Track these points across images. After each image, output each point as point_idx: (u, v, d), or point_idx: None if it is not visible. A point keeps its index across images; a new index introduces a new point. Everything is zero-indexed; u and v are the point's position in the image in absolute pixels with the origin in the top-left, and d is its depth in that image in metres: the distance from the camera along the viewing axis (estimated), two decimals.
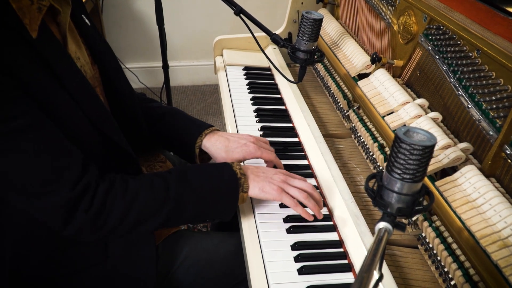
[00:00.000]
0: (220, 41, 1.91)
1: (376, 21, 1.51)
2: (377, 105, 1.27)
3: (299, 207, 1.05)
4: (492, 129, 0.96)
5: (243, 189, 1.04)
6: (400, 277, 0.98)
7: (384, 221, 0.72)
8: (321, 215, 1.07)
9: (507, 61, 0.93)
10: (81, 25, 1.09)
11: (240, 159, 1.19)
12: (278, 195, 1.05)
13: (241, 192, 1.04)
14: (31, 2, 0.89)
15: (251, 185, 1.05)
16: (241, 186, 1.04)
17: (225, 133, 1.26)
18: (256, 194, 1.06)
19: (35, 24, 0.89)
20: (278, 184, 1.06)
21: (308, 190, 1.08)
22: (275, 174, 1.09)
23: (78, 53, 1.06)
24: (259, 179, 1.07)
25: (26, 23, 0.87)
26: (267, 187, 1.05)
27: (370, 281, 0.58)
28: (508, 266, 0.77)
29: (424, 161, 0.72)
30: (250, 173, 1.07)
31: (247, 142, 1.20)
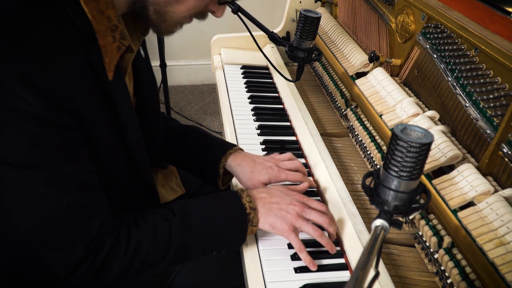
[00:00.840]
0: (218, 40, 1.91)
1: (374, 19, 1.51)
2: (374, 104, 1.27)
3: (303, 252, 0.97)
4: (489, 127, 0.96)
5: (252, 223, 0.99)
6: (397, 275, 0.98)
7: (381, 219, 0.72)
8: (334, 251, 1.00)
9: (505, 59, 0.93)
10: (136, 57, 1.04)
11: (266, 182, 1.14)
12: (287, 234, 0.99)
13: (250, 226, 0.99)
14: (113, 40, 0.85)
15: (261, 219, 1.00)
16: (250, 221, 0.99)
17: (250, 154, 1.21)
18: (266, 229, 1.00)
19: (113, 64, 0.85)
20: (291, 221, 0.99)
21: (324, 225, 1.01)
22: (290, 205, 1.01)
23: (128, 86, 1.01)
24: (271, 214, 1.00)
25: (106, 62, 0.84)
26: (278, 224, 0.99)
27: (366, 278, 0.58)
28: (504, 264, 0.77)
29: (421, 159, 0.72)
30: (261, 207, 1.01)
31: (272, 165, 1.16)
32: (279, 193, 1.04)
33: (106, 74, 0.84)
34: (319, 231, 0.99)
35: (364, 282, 0.57)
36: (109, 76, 0.84)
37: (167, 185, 1.34)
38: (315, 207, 1.04)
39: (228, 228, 0.99)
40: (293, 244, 0.98)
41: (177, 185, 1.37)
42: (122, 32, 0.85)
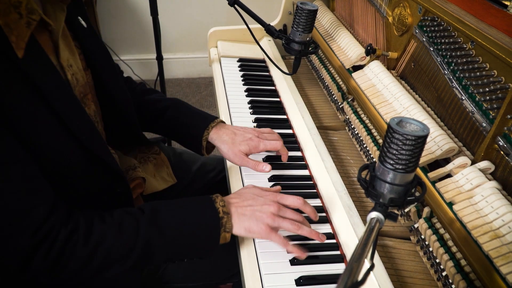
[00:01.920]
0: (215, 33, 1.90)
1: (371, 13, 1.51)
2: (371, 97, 1.27)
3: (289, 246, 0.96)
4: (485, 120, 0.96)
5: (225, 229, 0.96)
6: (392, 268, 0.99)
7: (376, 211, 0.72)
8: (323, 239, 0.99)
9: (501, 52, 0.93)
10: (75, 28, 1.04)
11: (246, 152, 1.19)
12: (266, 235, 0.96)
13: (223, 232, 0.96)
14: (20, 16, 0.81)
15: (235, 225, 0.97)
16: (223, 227, 0.96)
17: (231, 126, 1.26)
18: (242, 234, 0.98)
19: (22, 41, 0.81)
20: (267, 221, 0.96)
21: (299, 220, 1.00)
22: (264, 205, 0.99)
23: (71, 60, 1.00)
24: (245, 218, 0.97)
25: (12, 41, 0.79)
26: (254, 227, 0.96)
27: (360, 270, 0.58)
28: (499, 256, 0.77)
29: (416, 152, 0.72)
30: (235, 211, 0.98)
31: (252, 136, 1.21)
32: (251, 196, 1.02)
33: (14, 53, 0.80)
34: (297, 224, 0.98)
35: (359, 274, 0.57)
36: (18, 54, 0.80)
37: (158, 175, 1.34)
38: (290, 203, 1.02)
39: (199, 231, 0.96)
40: (276, 242, 0.97)
41: (168, 174, 1.37)
42: (27, 7, 0.82)
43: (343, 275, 0.56)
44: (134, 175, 1.23)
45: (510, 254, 0.77)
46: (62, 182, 0.91)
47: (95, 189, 1.00)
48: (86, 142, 0.93)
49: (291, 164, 1.25)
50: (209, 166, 1.50)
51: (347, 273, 0.56)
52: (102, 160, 0.98)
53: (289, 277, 0.94)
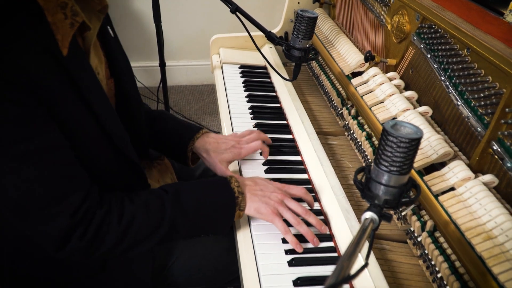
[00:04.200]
0: (217, 40, 1.93)
1: (371, 20, 1.53)
2: (369, 103, 1.29)
3: (289, 234, 1.02)
4: (480, 125, 0.98)
5: (239, 207, 1.04)
6: (389, 270, 1.00)
7: (371, 211, 0.74)
8: (316, 243, 1.03)
9: (495, 58, 0.95)
10: (104, 37, 1.08)
11: (230, 159, 1.24)
12: (272, 217, 1.03)
13: (238, 210, 1.04)
14: (65, 17, 0.86)
15: (247, 204, 1.05)
16: (238, 205, 1.04)
17: (214, 135, 1.30)
18: (252, 213, 1.06)
19: (66, 40, 0.86)
20: (274, 206, 1.05)
21: (302, 214, 1.05)
22: (273, 192, 1.07)
23: (99, 67, 1.04)
24: (256, 199, 1.05)
25: (58, 39, 0.85)
26: (262, 209, 1.04)
27: (351, 268, 0.60)
28: (491, 257, 0.79)
29: (410, 154, 0.74)
30: (248, 191, 1.07)
31: (235, 143, 1.26)
32: (262, 182, 1.10)
33: (60, 50, 0.85)
34: (298, 219, 1.04)
35: (349, 272, 0.59)
36: (63, 52, 0.85)
37: (162, 180, 1.36)
38: (295, 192, 1.10)
39: (217, 208, 1.04)
40: (278, 227, 1.03)
41: (172, 180, 1.39)
42: (72, 9, 0.87)
43: (333, 272, 0.57)
44: None
45: (502, 255, 0.78)
46: (94, 176, 0.96)
47: (119, 184, 1.05)
48: (117, 139, 0.99)
49: (291, 168, 1.27)
50: (211, 171, 1.52)
51: (338, 270, 0.57)
52: (129, 158, 1.04)
53: (286, 278, 0.95)
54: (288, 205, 1.06)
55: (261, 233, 1.06)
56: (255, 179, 1.12)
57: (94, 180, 0.96)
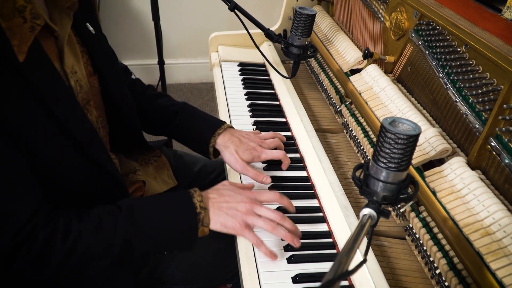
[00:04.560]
0: (216, 38, 1.93)
1: (369, 17, 1.53)
2: (368, 100, 1.29)
3: (262, 246, 0.97)
4: (478, 122, 0.99)
5: (203, 223, 0.98)
6: (388, 267, 1.00)
7: (369, 208, 0.74)
8: (297, 244, 0.98)
9: (493, 55, 0.95)
10: (83, 34, 1.05)
11: (249, 160, 1.21)
12: (240, 231, 0.99)
13: (201, 227, 0.98)
14: (24, 21, 0.82)
15: (212, 219, 0.99)
16: (201, 221, 0.98)
17: (236, 132, 1.28)
18: (218, 229, 1.00)
19: (24, 45, 0.81)
20: (242, 218, 1.00)
21: (277, 220, 1.00)
22: (240, 203, 1.02)
23: (76, 66, 1.01)
24: (221, 213, 1.00)
25: (14, 45, 0.80)
26: (229, 222, 0.99)
27: (349, 264, 0.60)
28: (489, 253, 0.79)
29: (408, 150, 0.74)
30: (211, 206, 1.01)
31: (256, 145, 1.23)
32: (228, 192, 1.05)
33: (16, 57, 0.80)
34: (272, 224, 0.99)
35: (347, 267, 0.59)
36: (19, 58, 0.80)
37: (159, 177, 1.36)
38: (267, 199, 1.05)
39: (176, 226, 0.98)
40: (249, 240, 0.99)
41: (169, 177, 1.39)
42: (32, 12, 0.83)
43: (332, 267, 0.57)
44: (135, 179, 1.24)
45: (500, 250, 0.79)
46: (60, 186, 0.93)
47: (94, 193, 1.01)
48: (87, 148, 0.94)
49: (290, 165, 1.27)
50: (209, 168, 1.53)
51: (335, 267, 0.57)
52: (102, 166, 1.00)
53: (286, 275, 0.96)
54: (259, 213, 1.01)
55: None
56: (221, 190, 1.06)
57: (64, 195, 0.93)
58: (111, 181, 1.04)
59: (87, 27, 1.07)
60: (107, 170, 1.01)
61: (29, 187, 0.87)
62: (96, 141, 0.99)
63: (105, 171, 1.01)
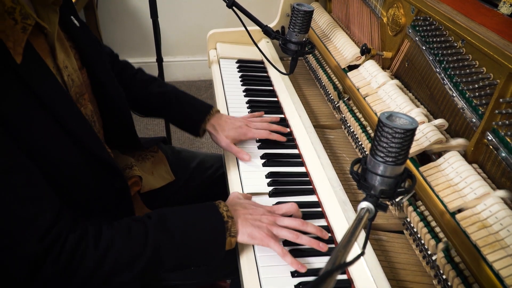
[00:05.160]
0: (214, 35, 1.94)
1: (367, 13, 1.54)
2: (366, 95, 1.30)
3: (287, 256, 0.96)
4: (475, 116, 0.99)
5: (230, 233, 0.98)
6: (386, 261, 1.01)
7: (367, 201, 0.75)
8: (324, 248, 0.99)
9: (489, 50, 0.95)
10: (69, 28, 1.05)
11: (234, 137, 1.29)
12: (267, 242, 0.98)
13: (229, 236, 0.98)
14: (15, 22, 0.82)
15: (240, 230, 0.99)
16: (228, 230, 0.98)
17: (224, 116, 1.37)
18: (245, 240, 0.99)
19: (19, 46, 0.82)
20: (267, 228, 1.00)
21: (299, 228, 1.01)
22: (263, 215, 1.02)
23: (66, 61, 1.01)
24: (248, 223, 1.00)
25: (10, 47, 0.81)
26: (256, 233, 0.99)
27: (346, 257, 0.60)
28: (486, 245, 0.80)
29: (406, 144, 0.74)
30: (238, 217, 1.01)
31: (242, 124, 1.32)
32: (251, 206, 1.05)
33: (13, 59, 0.81)
34: (295, 233, 0.99)
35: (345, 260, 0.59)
36: (17, 60, 0.81)
37: (156, 172, 1.36)
38: (285, 211, 1.05)
39: (206, 234, 0.97)
40: (275, 250, 0.98)
41: (166, 172, 1.40)
42: (22, 12, 0.83)
43: (329, 261, 0.58)
44: (131, 174, 1.25)
45: (497, 243, 0.79)
46: (62, 183, 0.92)
47: (94, 187, 1.01)
48: (83, 141, 0.95)
49: (288, 161, 1.28)
50: (207, 163, 1.53)
51: (333, 260, 0.58)
52: (99, 158, 1.00)
53: (285, 269, 0.96)
54: (282, 224, 1.01)
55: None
56: (244, 203, 1.06)
57: (69, 194, 0.92)
58: (109, 172, 1.04)
59: (72, 20, 1.07)
60: (105, 162, 1.01)
61: (44, 191, 0.86)
62: (91, 134, 0.99)
63: (103, 162, 1.01)
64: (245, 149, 1.30)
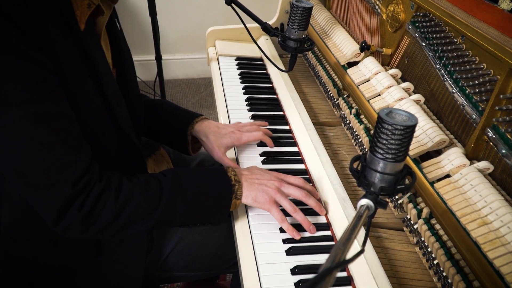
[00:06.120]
0: (213, 32, 1.93)
1: (366, 10, 1.53)
2: (365, 92, 1.29)
3: (285, 223, 1.02)
4: (475, 113, 0.99)
5: (236, 195, 1.04)
6: (386, 258, 1.01)
7: (366, 198, 0.74)
8: (313, 231, 1.03)
9: (489, 45, 0.95)
10: (112, 28, 1.11)
11: (229, 144, 1.24)
12: (269, 207, 1.04)
13: (234, 198, 1.04)
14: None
15: (244, 193, 1.05)
16: (235, 193, 1.04)
17: (214, 122, 1.31)
18: (249, 203, 1.06)
19: (84, 17, 0.92)
20: (271, 194, 1.05)
21: (302, 198, 1.06)
22: (269, 180, 1.07)
23: (106, 55, 1.05)
24: (253, 188, 1.06)
25: (78, 15, 0.91)
26: (260, 197, 1.04)
27: (346, 254, 0.60)
28: (487, 242, 0.79)
29: (405, 141, 0.74)
30: (245, 180, 1.07)
31: (234, 130, 1.27)
32: (258, 171, 1.11)
33: (78, 25, 0.91)
34: (294, 207, 1.04)
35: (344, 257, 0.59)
36: (81, 26, 0.91)
37: (158, 170, 1.36)
38: (292, 181, 1.09)
39: (214, 195, 1.04)
40: (275, 215, 1.03)
41: None
42: None
43: (328, 258, 0.57)
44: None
45: (497, 240, 0.79)
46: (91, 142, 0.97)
47: (120, 164, 1.06)
48: (121, 121, 1.02)
49: (288, 158, 1.28)
50: (207, 162, 1.53)
51: (332, 257, 0.58)
52: (129, 140, 1.07)
53: (284, 267, 0.96)
54: (286, 192, 1.06)
55: (258, 223, 1.06)
56: (252, 169, 1.12)
57: (95, 157, 0.97)
58: (136, 156, 1.12)
59: (115, 22, 1.13)
60: (135, 145, 1.09)
61: (82, 141, 0.93)
62: (128, 118, 1.07)
63: (133, 146, 1.09)
64: (245, 148, 1.30)
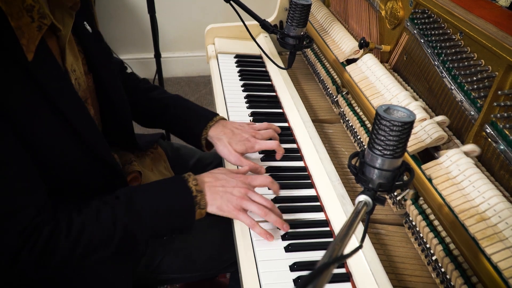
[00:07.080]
0: (212, 30, 1.93)
1: (365, 7, 1.53)
2: (364, 89, 1.29)
3: (257, 227, 1.01)
4: (473, 109, 0.99)
5: (200, 206, 1.01)
6: (385, 254, 1.01)
7: (365, 195, 0.74)
8: (286, 228, 1.02)
9: (488, 42, 0.95)
10: (80, 33, 1.06)
11: (242, 151, 1.22)
12: (235, 214, 1.02)
13: (198, 209, 1.01)
14: (32, 20, 0.84)
15: (209, 202, 1.02)
16: (198, 204, 1.01)
17: (229, 124, 1.28)
18: (214, 211, 1.03)
19: (32, 44, 0.84)
20: (237, 202, 1.02)
21: (268, 206, 1.03)
22: (235, 187, 1.04)
23: (75, 64, 1.03)
24: (217, 196, 1.03)
25: (23, 44, 0.83)
26: (224, 206, 1.02)
27: (343, 250, 0.60)
28: (485, 238, 0.79)
29: (403, 137, 0.74)
30: (208, 189, 1.03)
31: (249, 136, 1.24)
32: (223, 177, 1.07)
33: (25, 56, 0.83)
34: (264, 210, 1.01)
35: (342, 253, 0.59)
36: (28, 57, 0.83)
37: (156, 168, 1.36)
38: (260, 183, 1.08)
39: (174, 211, 1.00)
40: (244, 222, 1.02)
41: (165, 168, 1.40)
42: (40, 11, 0.85)
43: (325, 254, 0.57)
44: (131, 169, 1.25)
45: (495, 236, 0.79)
46: (62, 179, 0.94)
47: (95, 184, 1.04)
48: (89, 142, 0.97)
49: (287, 155, 1.28)
50: (206, 160, 1.53)
51: (329, 253, 0.58)
52: (103, 159, 1.03)
53: (283, 264, 0.96)
54: (252, 199, 1.04)
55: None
56: (216, 174, 1.08)
57: (68, 185, 0.95)
58: (112, 173, 1.07)
59: (84, 26, 1.08)
60: (108, 163, 1.04)
61: (34, 183, 0.88)
62: (98, 135, 1.02)
63: (107, 164, 1.05)
64: None
